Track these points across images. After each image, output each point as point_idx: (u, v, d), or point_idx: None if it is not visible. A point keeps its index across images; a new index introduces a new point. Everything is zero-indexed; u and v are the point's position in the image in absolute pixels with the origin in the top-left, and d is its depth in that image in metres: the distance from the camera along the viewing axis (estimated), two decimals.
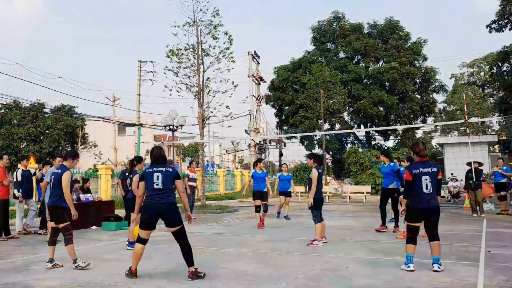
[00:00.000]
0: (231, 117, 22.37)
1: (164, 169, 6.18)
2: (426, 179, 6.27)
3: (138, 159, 9.26)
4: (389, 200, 11.00)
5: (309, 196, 8.72)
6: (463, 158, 17.57)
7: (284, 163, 15.44)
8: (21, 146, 35.80)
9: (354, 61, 39.48)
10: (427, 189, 6.26)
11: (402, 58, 36.63)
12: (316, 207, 8.67)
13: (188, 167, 16.76)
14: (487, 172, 18.44)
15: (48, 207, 6.98)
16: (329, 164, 37.98)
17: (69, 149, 38.93)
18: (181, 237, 6.05)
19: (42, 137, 36.73)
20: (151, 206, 6.01)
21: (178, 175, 6.28)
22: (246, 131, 34.75)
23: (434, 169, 6.36)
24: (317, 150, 37.66)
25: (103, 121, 33.09)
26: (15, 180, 11.16)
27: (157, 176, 6.08)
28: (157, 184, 6.04)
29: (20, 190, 11.07)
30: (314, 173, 8.58)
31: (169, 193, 6.08)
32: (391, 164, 10.62)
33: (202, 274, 5.97)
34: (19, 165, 11.89)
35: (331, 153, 38.69)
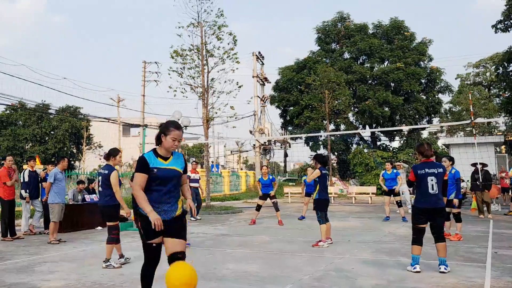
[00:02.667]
0: (235, 118, 22.35)
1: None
2: (432, 180, 6.21)
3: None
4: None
5: (313, 195, 8.98)
6: (469, 159, 17.48)
7: (309, 167, 15.95)
8: (26, 147, 35.96)
9: (359, 62, 39.38)
10: (433, 190, 6.20)
11: (407, 58, 36.49)
12: (320, 208, 8.67)
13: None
14: (495, 173, 18.32)
15: (101, 207, 7.10)
16: (334, 165, 37.89)
17: (74, 150, 39.08)
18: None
19: (47, 138, 36.89)
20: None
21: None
22: (250, 132, 34.75)
23: (440, 170, 6.32)
24: (322, 151, 37.59)
25: (108, 122, 33.18)
26: (22, 180, 11.19)
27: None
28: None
29: (27, 190, 11.11)
30: (317, 172, 8.67)
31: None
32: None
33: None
34: (25, 166, 11.92)
35: (336, 153, 38.59)
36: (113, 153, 7.18)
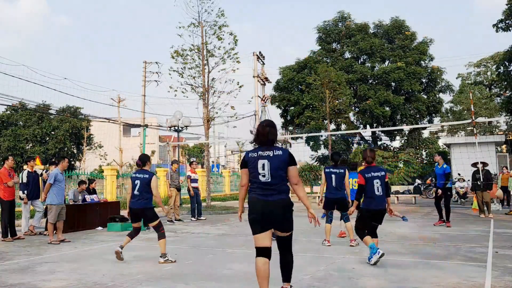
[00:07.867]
0: (236, 118, 22.36)
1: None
2: (377, 183, 6.74)
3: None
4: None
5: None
6: (470, 158, 17.45)
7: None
8: (27, 147, 35.95)
9: (359, 61, 39.34)
10: (378, 191, 6.71)
11: (408, 58, 36.45)
12: (324, 207, 8.79)
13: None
14: (496, 172, 18.28)
15: (137, 210, 7.24)
16: None
17: (74, 151, 39.08)
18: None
19: (47, 138, 36.88)
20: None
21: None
22: (251, 132, 34.62)
23: (382, 173, 6.89)
24: (323, 151, 37.61)
25: (109, 122, 33.17)
26: (20, 181, 11.16)
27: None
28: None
29: (25, 191, 11.08)
30: (322, 174, 8.93)
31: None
32: (444, 166, 11.78)
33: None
34: (25, 166, 11.90)
35: None
36: (147, 159, 7.54)
